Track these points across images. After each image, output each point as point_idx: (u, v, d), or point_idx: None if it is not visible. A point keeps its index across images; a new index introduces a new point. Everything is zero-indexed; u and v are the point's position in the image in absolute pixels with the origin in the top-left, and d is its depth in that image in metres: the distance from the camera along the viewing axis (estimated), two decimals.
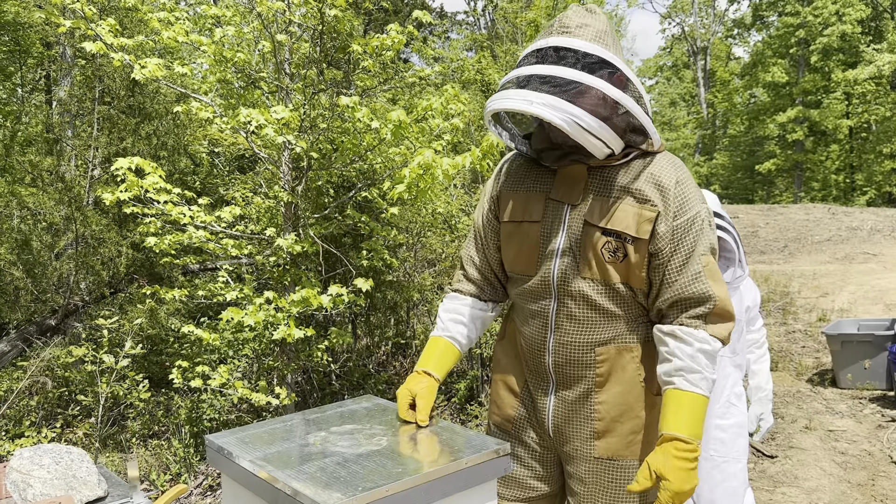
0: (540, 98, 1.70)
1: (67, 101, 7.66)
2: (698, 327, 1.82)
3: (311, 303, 4.25)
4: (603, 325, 1.89)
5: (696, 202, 1.86)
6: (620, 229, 1.82)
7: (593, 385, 1.92)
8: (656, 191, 1.84)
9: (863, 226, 15.51)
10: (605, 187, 1.86)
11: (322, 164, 4.80)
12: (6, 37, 10.91)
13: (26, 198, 6.84)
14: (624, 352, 1.91)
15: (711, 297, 1.82)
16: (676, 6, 38.57)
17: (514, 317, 2.11)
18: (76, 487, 1.91)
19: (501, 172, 2.09)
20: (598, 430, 1.93)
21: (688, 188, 1.86)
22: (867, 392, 6.12)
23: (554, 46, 1.78)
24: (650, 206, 1.82)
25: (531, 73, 1.76)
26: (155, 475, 4.64)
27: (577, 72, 1.72)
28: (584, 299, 1.88)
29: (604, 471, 1.94)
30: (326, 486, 1.47)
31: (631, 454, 1.93)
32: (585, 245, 1.85)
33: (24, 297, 6.79)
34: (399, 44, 4.51)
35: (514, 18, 11.49)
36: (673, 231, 1.83)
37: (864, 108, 27.91)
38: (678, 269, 1.83)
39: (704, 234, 1.85)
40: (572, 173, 1.90)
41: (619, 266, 1.84)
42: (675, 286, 1.83)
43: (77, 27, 4.18)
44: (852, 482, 4.43)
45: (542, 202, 1.93)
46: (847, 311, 8.66)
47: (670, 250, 1.83)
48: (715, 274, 1.85)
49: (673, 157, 1.92)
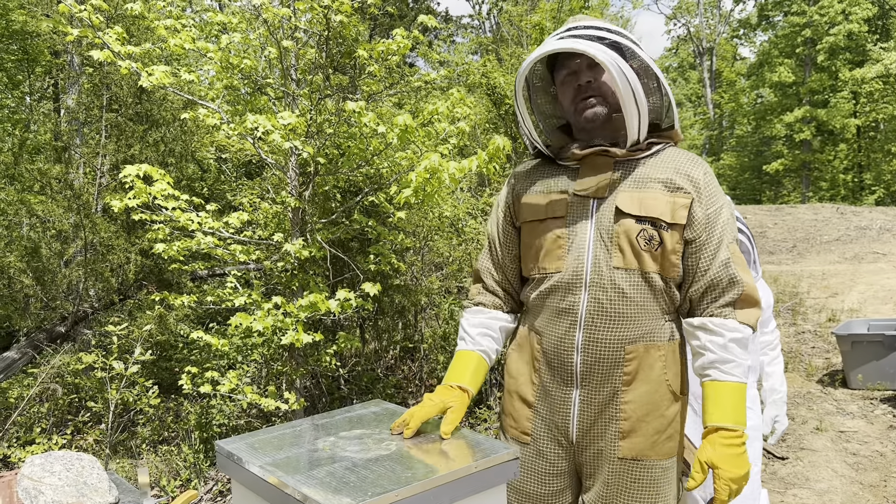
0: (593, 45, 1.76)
1: (75, 109, 7.71)
2: (728, 316, 1.86)
3: (319, 307, 4.26)
4: (634, 320, 1.89)
5: (721, 193, 1.92)
6: (656, 216, 1.84)
7: (620, 384, 1.91)
8: (686, 180, 1.87)
9: (872, 225, 15.43)
10: (633, 179, 1.89)
11: (329, 169, 4.81)
12: (14, 46, 10.99)
13: (35, 206, 6.87)
14: (651, 350, 1.91)
15: (740, 283, 1.86)
16: (682, 7, 38.52)
17: (526, 321, 2.08)
18: (87, 494, 1.92)
19: (514, 182, 2.09)
20: (624, 430, 1.91)
21: (713, 180, 1.91)
22: (878, 392, 6.09)
23: (589, 24, 1.84)
24: (683, 193, 1.86)
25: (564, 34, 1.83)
26: (165, 481, 4.65)
27: (612, 34, 1.82)
28: (617, 291, 1.87)
29: (627, 471, 1.93)
30: (336, 491, 1.48)
31: (655, 454, 1.92)
32: (619, 235, 1.86)
33: (34, 305, 6.83)
34: (404, 48, 4.52)
35: (520, 22, 11.49)
36: (707, 217, 1.87)
37: (872, 107, 27.78)
38: (711, 256, 1.87)
39: (731, 224, 1.90)
40: (596, 166, 1.91)
41: (655, 254, 1.86)
42: (707, 274, 1.87)
43: (84, 36, 4.20)
44: (864, 483, 4.41)
45: (566, 198, 1.94)
46: (857, 311, 8.62)
47: (705, 237, 1.87)
48: (741, 262, 1.89)
49: (691, 153, 1.96)
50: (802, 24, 29.48)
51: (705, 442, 1.81)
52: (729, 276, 1.86)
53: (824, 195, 29.29)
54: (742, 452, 1.79)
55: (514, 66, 10.30)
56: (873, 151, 28.88)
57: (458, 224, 6.10)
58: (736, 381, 1.83)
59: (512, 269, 2.10)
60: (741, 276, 1.87)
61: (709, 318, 1.87)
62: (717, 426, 1.80)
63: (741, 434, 1.80)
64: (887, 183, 27.69)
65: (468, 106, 4.74)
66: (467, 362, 2.05)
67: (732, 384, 1.83)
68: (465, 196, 6.50)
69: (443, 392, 1.97)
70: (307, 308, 4.26)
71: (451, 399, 1.93)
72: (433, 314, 6.76)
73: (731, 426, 1.79)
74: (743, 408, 1.83)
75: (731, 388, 1.83)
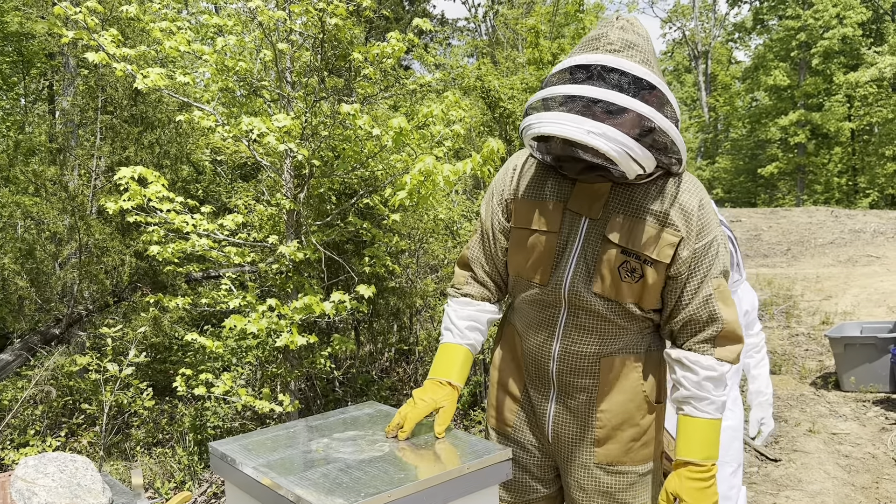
0: (597, 128, 1.63)
1: (70, 111, 7.69)
2: (706, 352, 1.86)
3: (313, 310, 4.26)
4: (611, 336, 1.90)
5: (714, 225, 1.87)
6: (641, 250, 1.81)
7: (596, 394, 1.93)
8: (680, 215, 1.83)
9: (866, 228, 15.48)
10: (627, 205, 1.84)
11: (324, 171, 4.82)
12: (10, 47, 10.98)
13: (30, 207, 6.86)
14: (628, 361, 1.92)
15: (720, 320, 1.85)
16: (677, 11, 38.62)
17: (512, 320, 2.10)
18: (81, 496, 1.92)
19: (515, 174, 2.02)
20: (599, 438, 1.95)
21: (709, 211, 1.86)
22: (871, 395, 6.11)
23: (602, 66, 1.70)
24: (674, 231, 1.82)
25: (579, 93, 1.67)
26: (159, 483, 4.65)
27: (630, 98, 1.66)
28: (594, 313, 1.87)
29: (603, 476, 1.96)
30: (329, 493, 1.49)
31: (630, 460, 1.96)
32: (602, 261, 1.84)
33: (29, 307, 6.81)
34: (399, 51, 4.53)
35: (515, 25, 11.52)
36: (693, 254, 1.83)
37: (866, 110, 27.88)
38: (693, 292, 1.85)
39: (719, 258, 1.87)
40: (594, 187, 1.86)
41: (634, 286, 1.84)
42: (688, 309, 1.86)
43: (80, 38, 4.21)
44: (856, 485, 4.43)
45: (560, 212, 1.90)
46: (850, 314, 8.65)
47: (688, 274, 1.84)
48: (726, 297, 1.87)
49: (694, 179, 1.91)
50: (797, 28, 29.59)
51: (673, 474, 1.85)
52: (709, 313, 1.85)
53: (819, 198, 29.38)
54: (709, 486, 1.82)
55: (510, 70, 10.32)
56: (867, 155, 28.97)
57: (452, 227, 6.11)
58: (708, 418, 1.85)
59: (503, 261, 2.07)
60: (722, 313, 1.85)
61: (686, 353, 1.87)
62: (685, 461, 1.83)
63: (709, 469, 1.83)
64: (881, 186, 27.79)
65: (463, 109, 4.75)
66: (455, 356, 2.04)
67: (705, 421, 1.85)
68: (459, 198, 6.52)
69: (432, 389, 1.97)
70: (302, 310, 4.27)
71: (441, 398, 1.94)
72: (428, 316, 6.77)
73: (700, 461, 1.82)
74: (714, 443, 1.86)
75: (703, 424, 1.85)
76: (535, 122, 1.73)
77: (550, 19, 11.54)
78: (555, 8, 12.00)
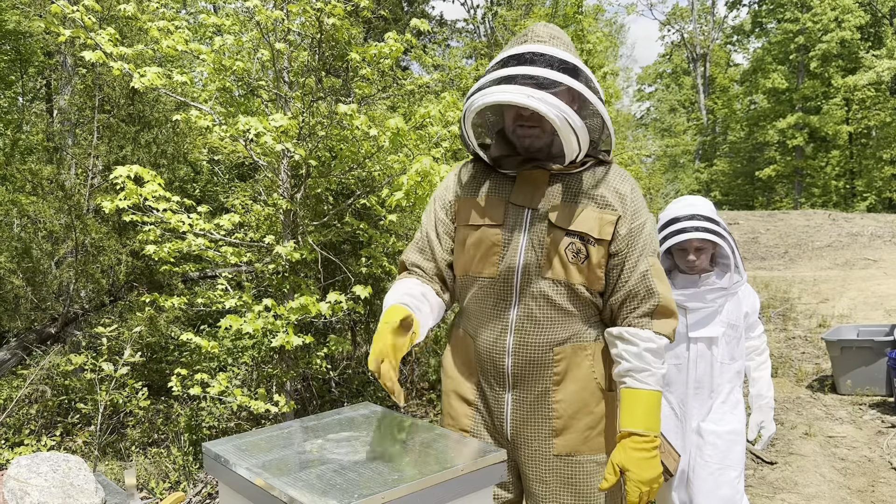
0: (537, 93, 1.79)
1: (67, 110, 7.69)
2: (644, 326, 1.96)
3: (309, 310, 4.25)
4: (561, 324, 1.98)
5: (645, 210, 2.03)
6: (584, 231, 1.93)
7: (551, 384, 2.00)
8: (616, 197, 1.97)
9: (863, 231, 15.51)
10: (566, 193, 1.97)
11: (321, 171, 4.81)
12: (7, 46, 10.96)
13: (26, 206, 6.85)
14: (579, 350, 2.00)
15: (657, 294, 1.97)
16: (676, 13, 38.67)
17: (462, 325, 2.14)
18: (73, 496, 1.91)
19: (455, 180, 2.15)
20: (557, 428, 2.00)
21: (639, 197, 2.03)
22: (867, 398, 6.11)
23: (533, 52, 1.88)
24: (611, 210, 1.96)
25: (516, 72, 1.84)
26: (154, 483, 4.63)
27: (561, 74, 1.83)
28: (545, 299, 1.96)
29: (563, 467, 2.01)
30: (323, 494, 1.48)
31: (588, 449, 2.02)
32: (549, 246, 1.94)
33: (24, 306, 6.80)
34: (397, 52, 4.53)
35: (514, 26, 11.52)
36: (630, 232, 1.97)
37: (864, 113, 27.95)
38: (631, 268, 1.97)
39: (652, 238, 2.02)
40: (533, 178, 1.98)
41: (581, 267, 1.95)
42: (627, 285, 1.97)
43: (77, 36, 4.20)
44: (852, 488, 4.43)
45: (503, 206, 2.00)
46: (847, 317, 8.66)
47: (626, 251, 1.97)
48: (660, 274, 2.00)
49: (623, 169, 2.07)
50: (796, 31, 29.65)
51: (619, 446, 1.91)
52: (646, 288, 1.96)
53: (816, 201, 29.43)
54: (653, 457, 1.89)
55: None
56: (865, 158, 29.03)
57: None
58: (649, 389, 1.92)
59: (446, 262, 2.12)
60: (658, 288, 1.97)
61: (626, 328, 1.96)
62: (629, 431, 1.90)
63: (652, 439, 1.90)
64: (879, 189, 27.84)
65: (461, 110, 4.74)
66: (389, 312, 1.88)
67: (646, 392, 1.92)
68: None
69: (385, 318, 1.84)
70: (298, 310, 4.26)
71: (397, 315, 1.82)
72: None
73: (643, 431, 1.89)
74: (656, 415, 1.93)
75: (645, 395, 1.92)
76: (479, 96, 1.88)
77: (549, 20, 11.55)
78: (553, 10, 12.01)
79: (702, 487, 2.75)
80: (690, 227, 2.68)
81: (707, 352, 2.78)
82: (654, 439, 1.91)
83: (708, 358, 2.79)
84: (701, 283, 2.80)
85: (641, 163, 13.60)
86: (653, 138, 36.64)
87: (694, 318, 2.79)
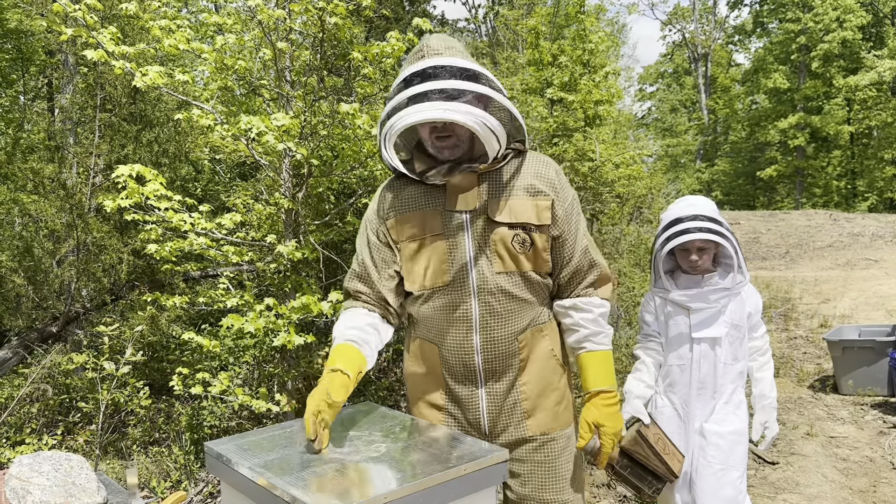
0: (451, 106, 1.86)
1: (69, 109, 7.68)
2: (591, 295, 2.14)
3: (311, 309, 4.25)
4: (520, 313, 2.09)
5: (570, 188, 2.16)
6: (525, 220, 2.04)
7: (518, 371, 2.12)
8: (544, 182, 2.08)
9: (864, 232, 15.50)
10: (497, 188, 2.06)
11: (323, 170, 4.81)
12: (9, 45, 10.97)
13: (28, 205, 6.84)
14: (536, 333, 2.13)
15: (598, 265, 2.15)
16: (677, 13, 38.65)
17: (419, 335, 2.19)
18: (75, 494, 1.91)
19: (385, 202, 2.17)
20: (527, 410, 2.11)
21: (563, 176, 2.15)
22: (868, 398, 6.11)
23: (434, 65, 1.93)
24: (544, 196, 2.07)
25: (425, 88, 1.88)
26: (155, 482, 4.63)
27: (466, 82, 1.90)
28: (503, 293, 2.05)
29: (538, 447, 2.13)
30: (325, 493, 1.48)
31: (559, 425, 2.16)
32: (496, 242, 2.03)
33: (26, 304, 6.79)
34: (399, 51, 4.52)
35: (515, 25, 11.51)
36: (566, 212, 2.10)
37: (865, 114, 27.93)
38: (572, 246, 2.12)
39: (582, 214, 2.17)
40: (463, 183, 2.05)
41: (529, 255, 2.06)
42: (572, 261, 2.12)
43: (79, 35, 4.19)
44: (854, 489, 4.42)
45: (440, 216, 2.06)
46: (848, 317, 8.65)
47: (567, 231, 2.10)
48: (594, 245, 2.17)
49: (540, 154, 2.17)
50: (797, 31, 29.62)
51: (589, 405, 2.08)
52: (589, 261, 2.13)
53: (817, 201, 29.42)
54: (618, 410, 2.09)
55: (510, 70, 10.32)
56: (866, 158, 29.01)
57: None
58: (606, 350, 2.12)
59: (388, 287, 2.15)
60: (598, 260, 2.15)
61: (578, 299, 2.13)
62: (598, 390, 2.07)
63: (615, 395, 2.09)
64: (880, 190, 27.82)
65: None
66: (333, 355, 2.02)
67: (603, 352, 2.12)
68: None
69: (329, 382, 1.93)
70: (299, 310, 4.25)
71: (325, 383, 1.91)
72: None
73: (608, 388, 2.08)
74: (612, 372, 2.12)
75: (604, 356, 2.12)
76: (396, 121, 1.92)
77: (551, 20, 11.54)
78: (555, 9, 12.00)
79: (705, 488, 2.74)
80: (693, 227, 2.67)
81: (710, 352, 2.78)
82: (616, 394, 2.09)
83: (711, 358, 2.78)
84: (704, 283, 2.80)
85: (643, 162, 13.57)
86: (654, 138, 36.61)
87: (697, 319, 2.78)
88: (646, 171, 13.63)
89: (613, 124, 11.34)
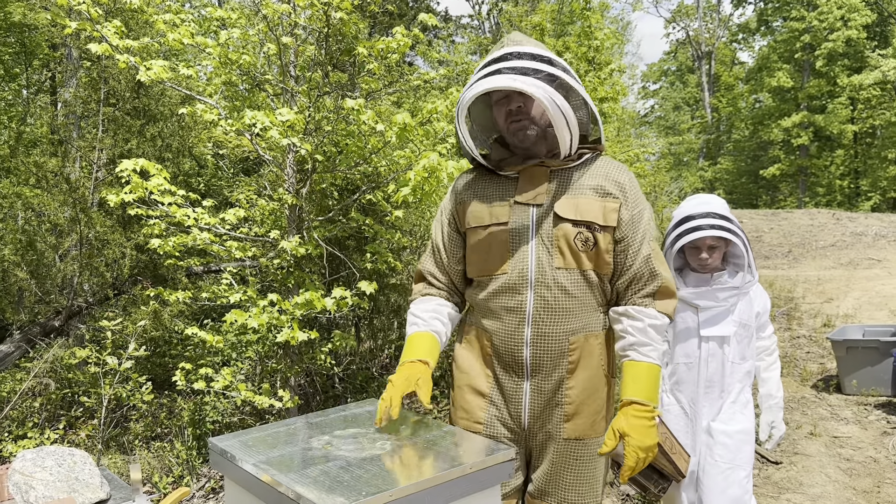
0: (523, 79, 1.92)
1: (72, 103, 7.67)
2: (648, 305, 2.10)
3: (314, 305, 4.24)
4: (575, 313, 2.08)
5: (643, 198, 2.16)
6: (590, 219, 2.05)
7: (565, 372, 2.10)
8: (615, 186, 2.09)
9: (867, 231, 15.46)
10: (567, 186, 2.09)
11: (326, 166, 4.79)
12: (12, 38, 10.95)
13: (31, 199, 6.84)
14: (591, 338, 2.11)
15: (659, 276, 2.10)
16: (681, 11, 38.55)
17: (474, 322, 2.23)
18: (78, 490, 1.90)
19: (457, 190, 2.27)
20: (568, 414, 2.10)
21: (636, 186, 2.15)
22: (872, 398, 6.09)
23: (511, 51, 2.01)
24: (613, 199, 2.08)
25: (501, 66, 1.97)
26: (157, 477, 4.63)
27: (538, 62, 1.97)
28: (560, 288, 2.06)
29: (571, 450, 2.12)
30: (329, 491, 1.47)
31: (594, 433, 2.13)
32: (559, 238, 2.05)
33: (29, 299, 6.79)
34: (404, 46, 4.51)
35: (520, 22, 11.49)
36: (632, 218, 2.10)
37: (869, 113, 27.85)
38: (635, 252, 2.09)
39: (651, 225, 2.15)
40: (534, 176, 2.10)
41: (590, 254, 2.07)
42: (632, 268, 2.10)
43: (83, 29, 4.18)
44: (857, 489, 4.41)
45: (508, 206, 2.11)
46: (852, 317, 8.63)
47: (630, 236, 2.09)
48: (660, 258, 2.14)
49: (617, 161, 2.18)
50: (801, 30, 29.54)
51: (620, 413, 2.02)
52: (650, 270, 2.10)
53: (821, 200, 29.36)
54: (651, 426, 1.99)
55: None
56: (870, 157, 28.94)
57: None
58: (651, 363, 2.05)
59: (457, 271, 2.26)
60: (660, 271, 2.10)
61: (631, 306, 2.10)
62: (631, 400, 2.00)
63: (652, 409, 2.00)
64: (883, 189, 27.75)
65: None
66: (422, 341, 2.16)
67: (648, 364, 2.05)
68: None
69: (406, 370, 2.06)
70: (303, 306, 4.25)
71: (416, 373, 2.03)
72: None
73: (644, 401, 2.00)
74: (655, 388, 2.04)
75: (647, 367, 2.05)
76: (470, 89, 1.99)
77: (555, 17, 11.52)
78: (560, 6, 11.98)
79: (711, 487, 2.74)
80: (705, 224, 2.67)
81: (718, 350, 2.77)
82: (654, 410, 2.01)
83: (719, 357, 2.77)
84: (713, 281, 2.79)
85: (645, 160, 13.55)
86: (657, 136, 36.54)
87: (705, 317, 2.78)
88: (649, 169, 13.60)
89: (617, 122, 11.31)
